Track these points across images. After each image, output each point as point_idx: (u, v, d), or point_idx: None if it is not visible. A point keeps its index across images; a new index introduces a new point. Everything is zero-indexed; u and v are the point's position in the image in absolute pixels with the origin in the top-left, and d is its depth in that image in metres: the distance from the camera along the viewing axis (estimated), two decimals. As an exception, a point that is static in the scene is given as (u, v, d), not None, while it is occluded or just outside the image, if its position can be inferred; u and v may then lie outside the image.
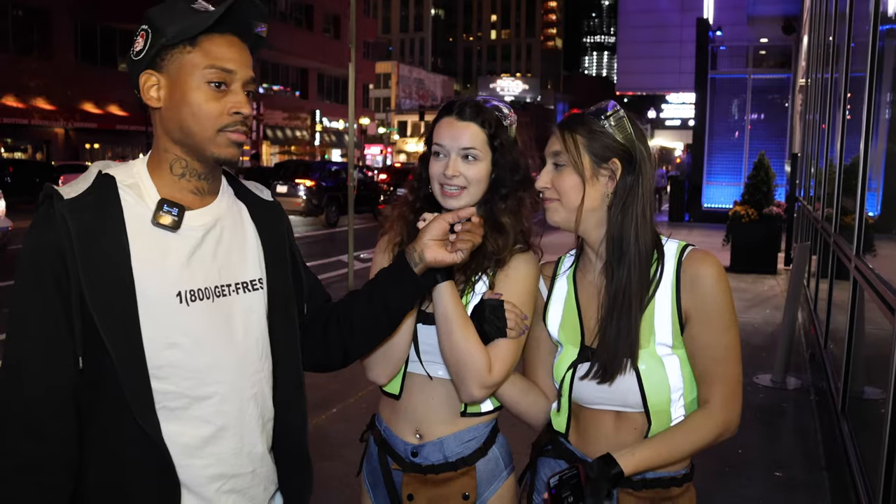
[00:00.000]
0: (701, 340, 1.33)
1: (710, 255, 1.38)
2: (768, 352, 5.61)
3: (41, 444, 1.08)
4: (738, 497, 3.31)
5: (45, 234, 1.09)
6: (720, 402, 1.32)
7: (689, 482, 1.40)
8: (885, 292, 2.59)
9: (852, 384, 3.59)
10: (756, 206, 9.70)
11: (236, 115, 1.14)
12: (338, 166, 18.03)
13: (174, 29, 1.11)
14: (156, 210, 1.13)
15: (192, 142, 1.15)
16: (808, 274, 6.70)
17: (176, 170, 1.17)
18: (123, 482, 1.12)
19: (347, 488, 1.52)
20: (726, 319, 1.34)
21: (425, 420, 1.50)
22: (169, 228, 1.13)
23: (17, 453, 1.07)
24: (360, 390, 4.24)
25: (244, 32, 1.18)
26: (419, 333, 1.47)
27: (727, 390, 1.33)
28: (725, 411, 1.32)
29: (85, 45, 24.77)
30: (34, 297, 1.09)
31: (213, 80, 1.12)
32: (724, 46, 18.60)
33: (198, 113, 1.12)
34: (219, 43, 1.13)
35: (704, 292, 1.33)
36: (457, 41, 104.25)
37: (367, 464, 1.60)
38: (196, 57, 1.12)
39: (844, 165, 4.59)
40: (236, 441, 1.20)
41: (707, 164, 17.80)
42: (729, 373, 1.33)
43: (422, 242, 1.30)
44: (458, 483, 1.49)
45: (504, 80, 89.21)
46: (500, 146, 1.46)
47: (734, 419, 1.33)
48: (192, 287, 1.14)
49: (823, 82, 6.73)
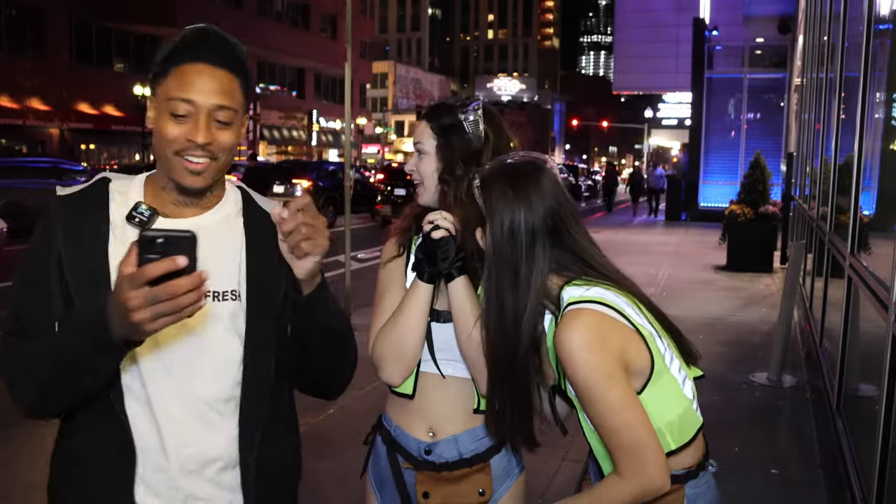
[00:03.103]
0: (585, 410, 1.28)
1: (578, 317, 1.25)
2: (764, 350, 5.63)
3: None
4: (734, 495, 3.32)
5: (43, 220, 1.24)
6: (625, 471, 1.25)
7: (679, 483, 1.34)
8: (879, 290, 2.60)
9: (847, 382, 3.61)
10: (752, 206, 9.72)
11: (189, 142, 1.19)
12: (335, 166, 18.03)
13: (155, 61, 1.22)
14: (130, 210, 1.22)
15: (160, 163, 1.24)
16: (803, 272, 6.73)
17: (160, 182, 1.26)
18: (84, 450, 1.22)
19: (344, 490, 1.52)
20: (597, 390, 1.23)
21: (440, 418, 1.49)
22: (137, 227, 1.20)
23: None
24: (358, 391, 4.24)
25: (219, 58, 1.20)
26: (433, 332, 1.47)
27: (629, 458, 1.24)
28: (636, 476, 1.24)
29: (80, 45, 24.67)
30: (25, 274, 1.24)
31: (174, 111, 1.18)
32: (721, 46, 18.62)
33: (159, 136, 1.20)
34: (184, 73, 1.18)
35: (565, 366, 1.26)
36: (454, 41, 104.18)
37: (374, 464, 1.59)
38: (167, 87, 1.19)
39: (839, 164, 4.61)
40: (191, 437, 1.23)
41: (703, 164, 17.83)
42: (623, 441, 1.24)
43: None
44: (473, 480, 1.49)
45: (501, 79, 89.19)
46: (443, 134, 1.49)
47: (647, 484, 1.24)
48: None
49: (818, 82, 6.75)
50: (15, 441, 3.83)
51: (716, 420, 4.26)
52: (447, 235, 1.38)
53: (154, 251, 0.96)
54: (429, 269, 1.41)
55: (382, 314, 1.51)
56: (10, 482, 3.39)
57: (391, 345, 1.46)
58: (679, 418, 1.31)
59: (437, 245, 1.38)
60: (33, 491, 3.32)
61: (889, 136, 3.31)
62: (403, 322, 1.45)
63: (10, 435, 3.90)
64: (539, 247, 1.29)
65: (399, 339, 1.45)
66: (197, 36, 1.21)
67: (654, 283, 8.96)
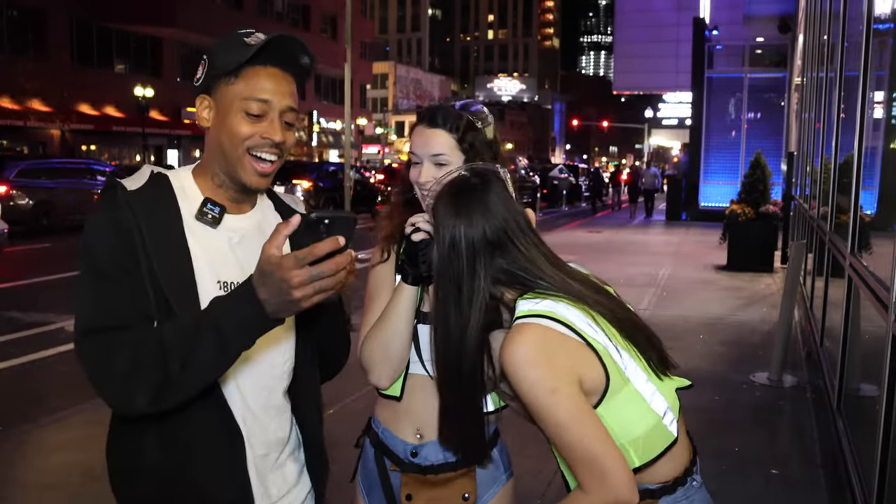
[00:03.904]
0: (539, 427, 1.24)
1: (522, 332, 1.22)
2: (765, 350, 5.62)
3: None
4: (735, 495, 3.31)
5: (116, 212, 1.20)
6: (588, 486, 1.20)
7: (653, 498, 1.29)
8: (880, 290, 2.60)
9: (848, 381, 3.61)
10: (752, 205, 9.72)
11: (265, 139, 1.24)
12: (335, 167, 18.04)
13: (222, 61, 1.24)
14: (200, 206, 1.26)
15: (226, 160, 1.27)
16: (804, 272, 6.72)
17: (216, 180, 1.30)
18: (191, 439, 1.23)
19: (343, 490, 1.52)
20: (543, 407, 1.20)
21: (427, 419, 1.49)
22: (209, 224, 1.26)
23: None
24: (357, 391, 4.24)
25: (288, 64, 1.28)
26: (419, 333, 1.47)
27: (589, 472, 1.19)
28: (599, 492, 1.19)
29: (81, 46, 24.69)
30: (111, 264, 1.18)
31: (249, 111, 1.24)
32: (721, 45, 18.64)
33: (231, 134, 1.24)
34: (259, 75, 1.25)
35: (511, 382, 1.23)
36: (454, 41, 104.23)
37: (363, 467, 1.59)
38: (237, 87, 1.24)
39: (839, 163, 4.61)
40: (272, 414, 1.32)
41: (704, 163, 17.84)
42: (579, 456, 1.19)
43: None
44: (457, 484, 1.49)
45: (501, 79, 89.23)
46: (469, 148, 1.47)
47: (611, 497, 1.19)
48: (228, 279, 1.25)
49: (819, 81, 6.75)
50: (14, 441, 3.83)
51: (716, 420, 4.23)
52: (427, 238, 1.38)
53: (320, 231, 1.04)
54: (411, 271, 1.42)
55: (371, 317, 1.51)
56: (10, 482, 3.39)
57: (378, 348, 1.46)
58: (645, 434, 1.26)
59: (418, 247, 1.39)
60: (33, 491, 3.33)
61: (890, 134, 3.31)
62: (389, 325, 1.45)
63: (10, 435, 3.91)
64: (479, 262, 1.27)
65: (386, 342, 1.45)
66: (276, 42, 1.25)
67: (654, 282, 8.96)
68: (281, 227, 1.05)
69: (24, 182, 13.43)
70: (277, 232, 1.04)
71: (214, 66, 1.25)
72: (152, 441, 1.22)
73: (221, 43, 1.27)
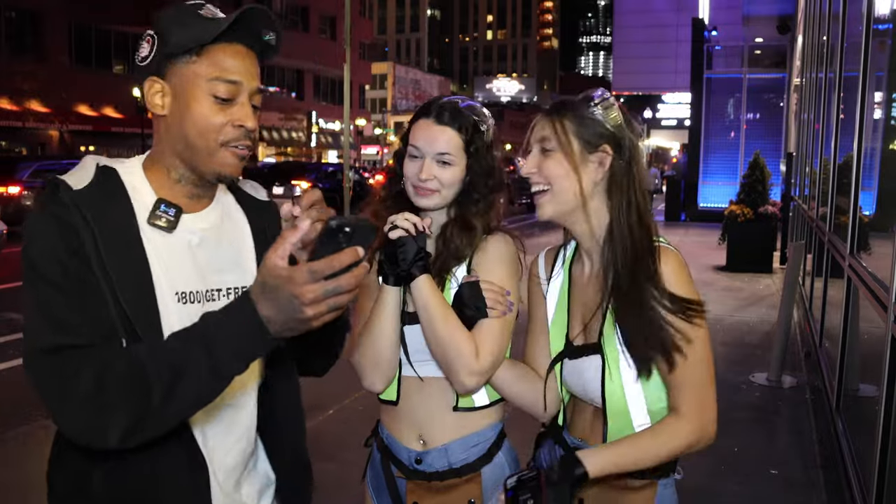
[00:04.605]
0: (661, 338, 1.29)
1: (671, 250, 1.33)
2: (764, 350, 5.62)
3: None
4: (734, 495, 3.32)
5: (60, 211, 1.03)
6: (690, 408, 1.26)
7: (654, 479, 1.34)
8: (879, 290, 2.60)
9: (847, 382, 3.61)
10: (752, 206, 9.72)
11: (240, 129, 1.10)
12: (334, 167, 18.02)
13: (178, 38, 1.07)
14: (153, 209, 1.10)
15: (194, 155, 1.11)
16: (803, 273, 6.73)
17: (173, 174, 1.14)
18: (155, 470, 1.09)
19: (345, 491, 1.52)
20: (696, 318, 1.28)
21: (427, 423, 1.48)
22: (164, 228, 1.10)
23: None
24: (357, 391, 4.24)
25: (252, 40, 1.12)
26: (406, 335, 1.45)
27: (698, 396, 1.26)
28: (697, 417, 1.26)
29: (79, 47, 24.67)
30: (60, 271, 1.01)
31: (217, 94, 1.08)
32: (720, 46, 18.64)
33: (201, 125, 1.08)
34: (225, 53, 1.09)
35: (674, 283, 1.28)
36: (453, 42, 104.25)
37: (371, 469, 1.59)
38: (201, 67, 1.08)
39: (838, 164, 4.61)
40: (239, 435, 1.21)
41: (703, 164, 17.84)
42: (697, 377, 1.26)
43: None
44: (463, 490, 1.48)
45: (500, 80, 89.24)
46: (475, 151, 1.45)
47: (708, 426, 1.27)
48: (186, 289, 1.12)
49: (818, 82, 6.75)
50: (14, 441, 3.83)
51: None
52: (405, 235, 1.35)
53: (339, 241, 0.90)
54: (390, 272, 1.38)
55: (361, 320, 1.49)
56: (10, 482, 3.38)
57: (367, 351, 1.44)
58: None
59: (396, 245, 1.36)
60: (32, 491, 3.33)
61: (889, 135, 3.32)
62: (375, 327, 1.43)
63: (9, 435, 3.90)
64: None
65: (374, 345, 1.43)
66: (243, 15, 1.08)
67: (653, 283, 8.95)
68: (287, 233, 0.91)
69: (36, 183, 13.47)
70: (283, 239, 0.90)
71: (168, 45, 1.08)
72: (102, 463, 1.06)
73: (172, 17, 1.09)
